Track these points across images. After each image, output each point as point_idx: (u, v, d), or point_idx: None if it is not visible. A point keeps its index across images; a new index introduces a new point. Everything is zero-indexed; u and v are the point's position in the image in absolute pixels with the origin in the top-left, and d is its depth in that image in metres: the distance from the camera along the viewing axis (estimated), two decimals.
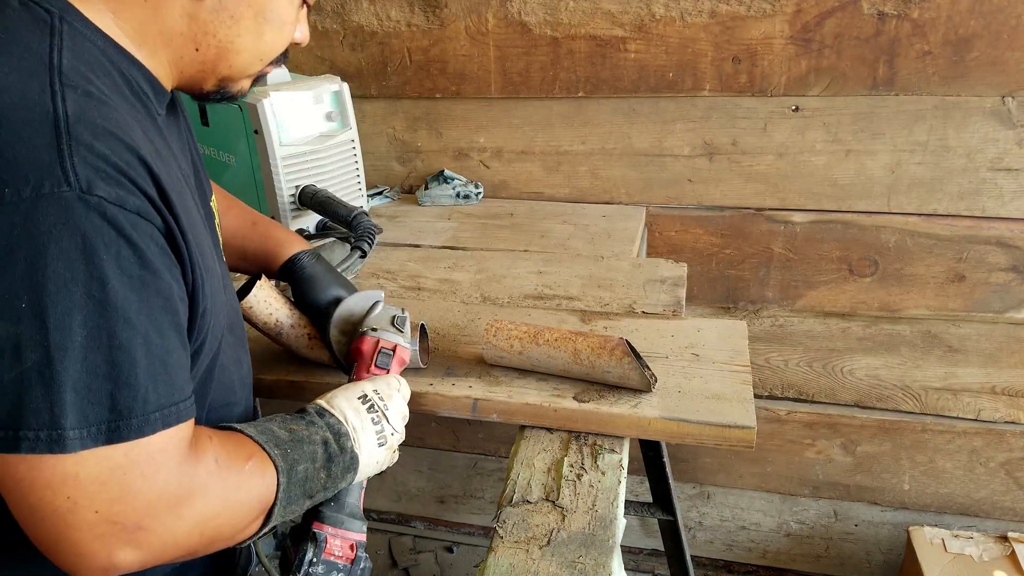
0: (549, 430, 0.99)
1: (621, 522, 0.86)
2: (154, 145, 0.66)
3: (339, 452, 0.76)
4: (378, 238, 1.29)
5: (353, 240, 1.28)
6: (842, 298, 1.63)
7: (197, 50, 0.70)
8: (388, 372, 0.90)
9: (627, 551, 2.07)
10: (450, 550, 2.17)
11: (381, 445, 0.81)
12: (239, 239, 1.05)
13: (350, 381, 0.89)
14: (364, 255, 1.27)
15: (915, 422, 1.71)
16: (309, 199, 1.35)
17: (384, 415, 0.82)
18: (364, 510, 0.86)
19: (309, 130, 1.39)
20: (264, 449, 0.70)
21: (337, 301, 1.00)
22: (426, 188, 1.69)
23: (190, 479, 0.62)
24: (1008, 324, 1.57)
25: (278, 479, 0.69)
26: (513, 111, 1.62)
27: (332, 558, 0.80)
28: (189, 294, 0.67)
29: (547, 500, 0.88)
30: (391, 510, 2.22)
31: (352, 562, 0.80)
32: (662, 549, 1.46)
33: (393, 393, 0.85)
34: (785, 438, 1.80)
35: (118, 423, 0.58)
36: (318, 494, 0.75)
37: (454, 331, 1.15)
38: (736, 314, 1.70)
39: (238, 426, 0.72)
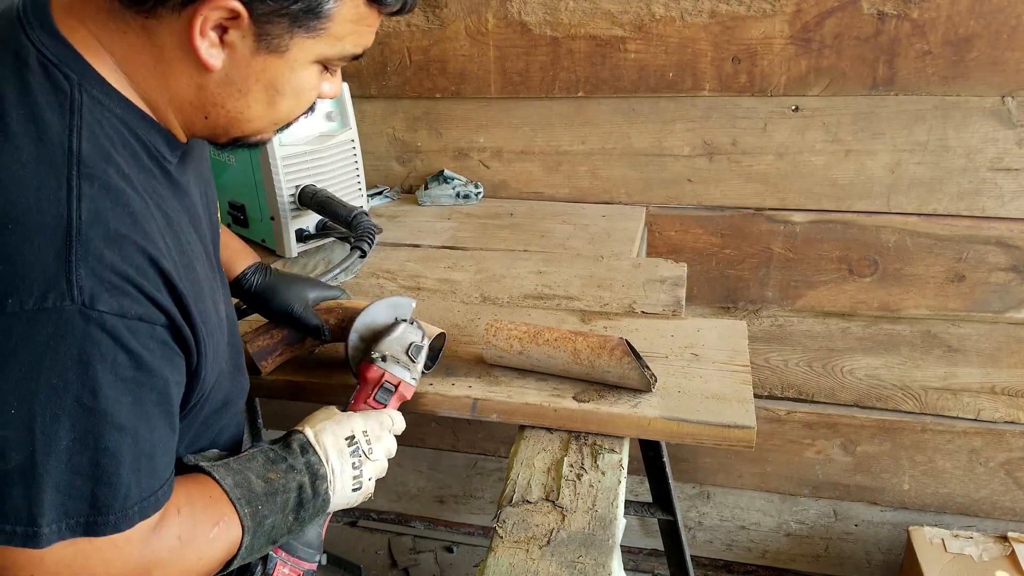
0: (549, 430, 0.99)
1: (621, 522, 0.86)
2: (166, 216, 0.66)
3: (312, 497, 0.76)
4: (378, 238, 1.29)
5: (353, 240, 1.28)
6: (842, 298, 1.63)
7: (207, 118, 0.69)
8: (385, 407, 0.89)
9: (627, 551, 2.07)
10: (450, 550, 2.17)
11: (355, 490, 0.81)
12: None
13: (349, 401, 0.89)
14: (364, 255, 1.27)
15: (915, 422, 1.71)
16: (309, 199, 1.35)
17: (366, 458, 0.81)
18: (364, 510, 0.86)
19: (309, 130, 1.39)
20: (235, 508, 0.70)
21: (301, 302, 1.00)
22: (426, 188, 1.69)
23: (148, 560, 0.64)
24: (1008, 324, 1.57)
25: (242, 539, 0.71)
26: (513, 111, 1.62)
27: None
28: (192, 370, 0.68)
29: (547, 500, 0.88)
30: (391, 510, 2.22)
31: None
32: (662, 549, 1.46)
33: (383, 435, 0.85)
34: (785, 438, 1.80)
35: (96, 519, 0.60)
36: (282, 538, 0.76)
37: (454, 331, 1.15)
38: (736, 314, 1.70)
39: (217, 474, 0.72)
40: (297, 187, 1.37)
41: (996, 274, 1.53)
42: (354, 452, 0.80)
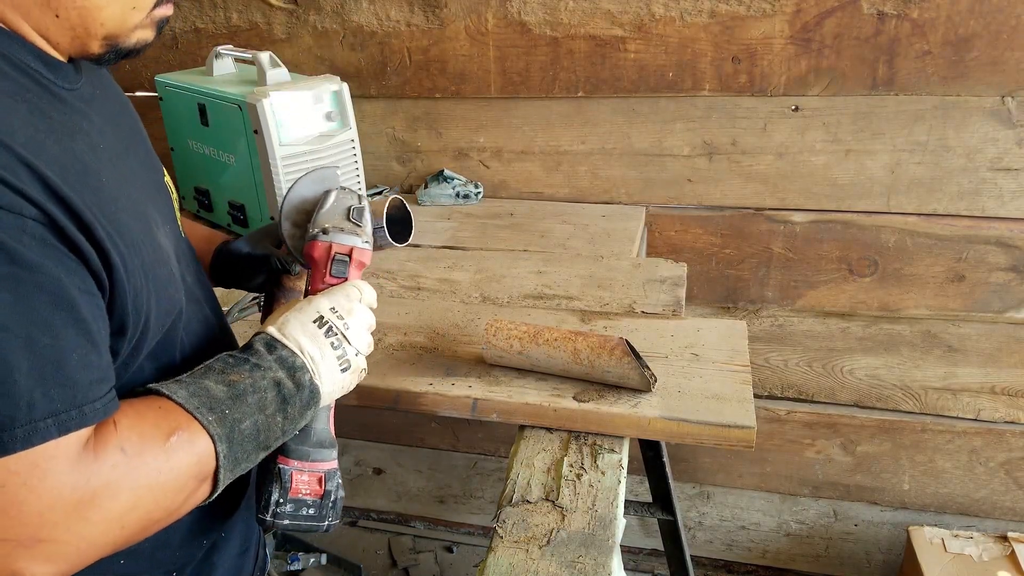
0: (549, 430, 0.99)
1: (621, 522, 0.86)
2: (50, 122, 0.62)
3: (295, 390, 0.71)
4: None
5: None
6: (842, 298, 1.63)
7: (58, 16, 0.64)
8: (347, 280, 0.80)
9: (627, 551, 2.07)
10: (450, 550, 2.17)
11: (344, 370, 0.75)
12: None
13: (305, 291, 0.82)
14: None
15: (915, 422, 1.71)
16: None
17: (344, 336, 0.75)
18: (363, 509, 0.85)
19: (309, 130, 1.39)
20: (195, 416, 0.64)
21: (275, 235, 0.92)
22: (426, 188, 1.69)
23: (87, 480, 0.58)
24: (1008, 324, 1.57)
25: (216, 447, 0.64)
26: (513, 111, 1.62)
27: (300, 495, 0.75)
28: (108, 278, 0.62)
29: (547, 500, 0.88)
30: (391, 510, 2.22)
31: (322, 496, 0.75)
32: (662, 549, 1.46)
33: (353, 306, 0.77)
34: (785, 438, 1.80)
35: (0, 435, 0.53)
36: (277, 440, 0.70)
37: (454, 331, 1.15)
38: (736, 314, 1.70)
39: (166, 389, 0.66)
40: None
41: (996, 274, 1.53)
42: (328, 332, 0.74)
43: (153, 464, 0.61)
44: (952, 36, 1.35)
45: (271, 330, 0.74)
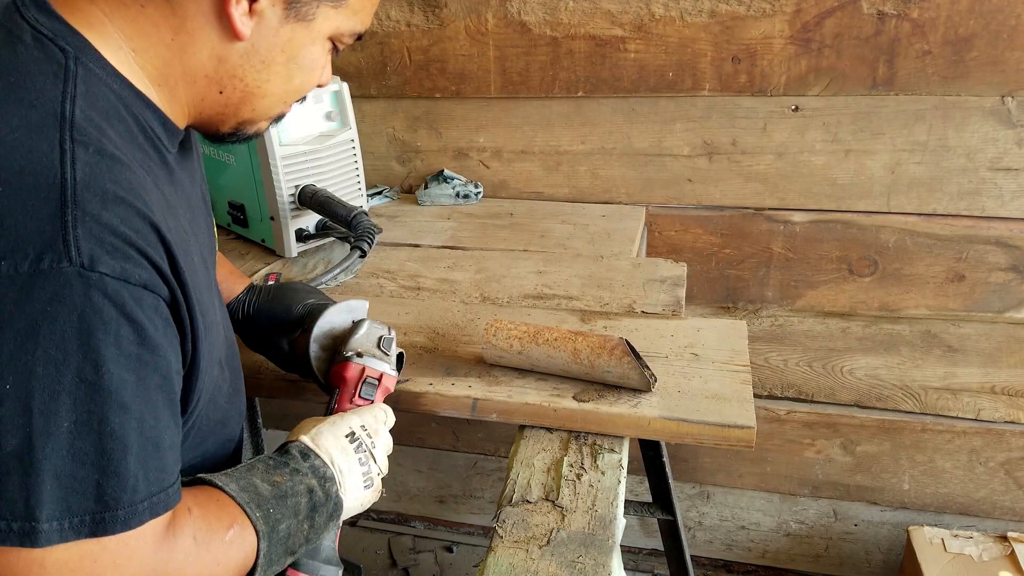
0: (549, 430, 0.99)
1: (621, 522, 0.86)
2: (164, 196, 0.64)
3: (324, 500, 0.72)
4: (378, 238, 1.29)
5: (353, 240, 1.28)
6: (842, 298, 1.63)
7: (221, 92, 0.68)
8: (372, 403, 0.85)
9: (627, 551, 2.07)
10: (450, 550, 2.17)
11: (367, 487, 0.77)
12: None
13: (330, 407, 0.85)
14: (364, 255, 1.27)
15: (915, 422, 1.71)
16: (309, 199, 1.35)
17: (371, 454, 0.78)
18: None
19: (309, 130, 1.39)
20: (245, 512, 0.65)
21: (309, 310, 0.95)
22: (426, 188, 1.69)
23: (165, 563, 0.59)
24: (1008, 324, 1.57)
25: (258, 545, 0.65)
26: (513, 111, 1.62)
27: None
28: (190, 359, 0.64)
29: (547, 500, 0.88)
30: (391, 510, 2.22)
31: None
32: (662, 549, 1.46)
33: (380, 427, 0.81)
34: (785, 438, 1.80)
35: (103, 515, 0.54)
36: (300, 548, 0.71)
37: (454, 331, 1.15)
38: (736, 314, 1.70)
39: (219, 481, 0.67)
40: (297, 187, 1.37)
41: (996, 274, 1.53)
42: (358, 448, 0.77)
43: (214, 555, 0.63)
44: (952, 36, 1.35)
45: (305, 439, 0.75)
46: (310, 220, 1.41)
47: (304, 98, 0.76)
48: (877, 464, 1.78)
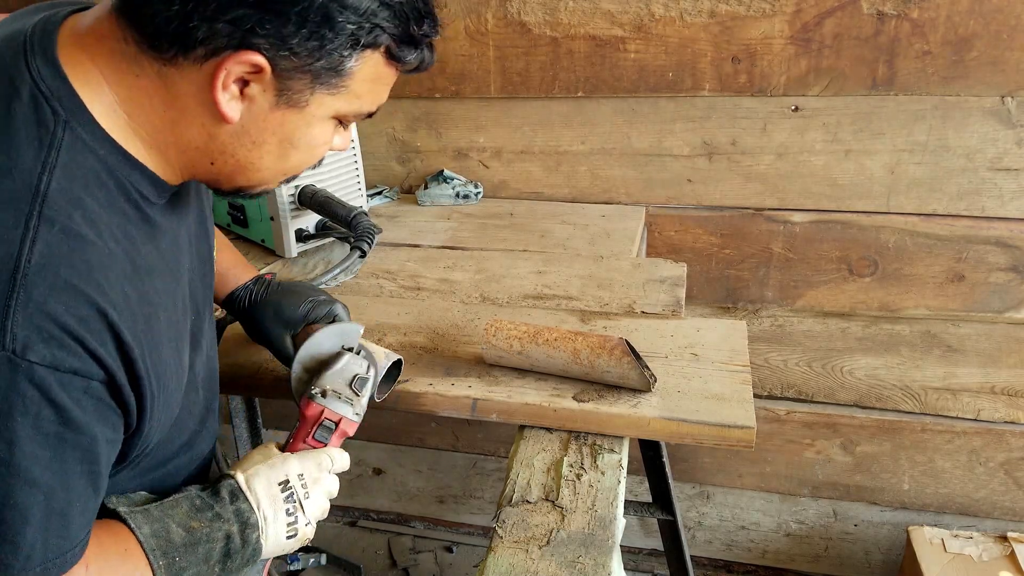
0: (549, 430, 0.99)
1: (620, 522, 0.86)
2: (134, 262, 0.65)
3: (241, 546, 0.73)
4: (378, 238, 1.29)
5: (353, 240, 1.28)
6: (842, 298, 1.63)
7: (212, 164, 0.68)
8: (326, 446, 0.84)
9: (627, 551, 2.07)
10: (450, 550, 2.17)
11: (290, 537, 0.77)
12: None
13: (287, 441, 0.85)
14: (364, 255, 1.27)
15: (915, 422, 1.71)
16: (308, 199, 1.35)
17: (300, 506, 0.77)
18: (364, 510, 0.84)
19: None
20: (149, 559, 0.67)
21: (312, 307, 0.96)
22: (425, 188, 1.69)
23: None
24: (1008, 324, 1.57)
25: None
26: (513, 111, 1.62)
27: None
28: (136, 423, 0.65)
29: (547, 500, 0.88)
30: (391, 510, 2.22)
31: None
32: (662, 549, 1.46)
33: (322, 476, 0.81)
34: (785, 438, 1.80)
35: None
36: None
37: (453, 331, 1.15)
38: (736, 314, 1.70)
39: (132, 523, 0.69)
40: (297, 187, 1.37)
41: (996, 274, 1.53)
42: (288, 498, 0.77)
43: None
44: (952, 36, 1.35)
45: (240, 479, 0.76)
46: (310, 220, 1.41)
47: (319, 163, 0.75)
48: (877, 464, 1.78)
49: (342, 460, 0.84)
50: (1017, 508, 1.74)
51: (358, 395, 0.86)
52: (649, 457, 1.24)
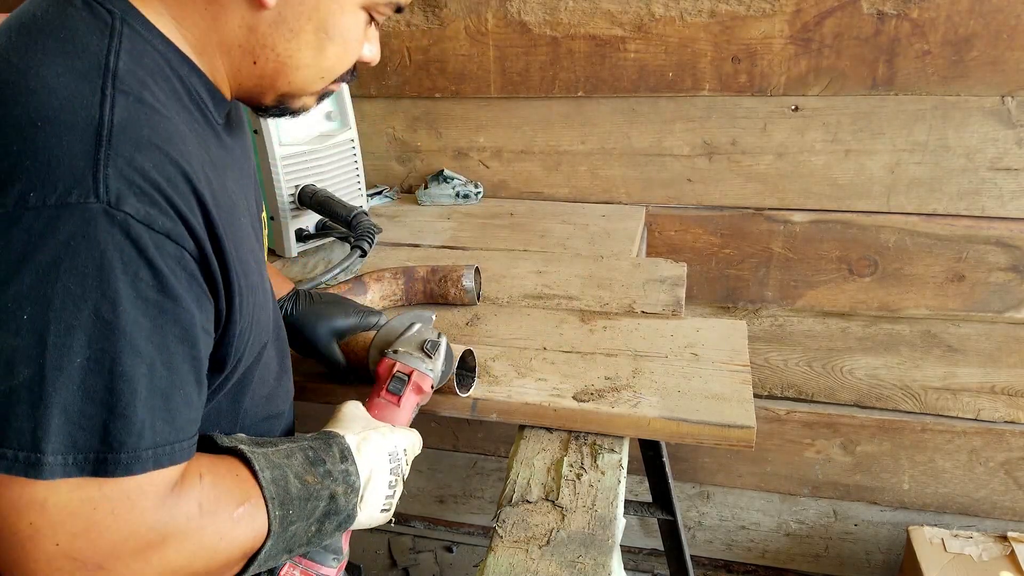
0: (549, 430, 0.99)
1: (621, 522, 0.86)
2: (210, 156, 0.64)
3: (339, 509, 0.71)
4: (378, 238, 1.29)
5: (353, 240, 1.28)
6: (842, 298, 1.63)
7: (255, 63, 0.68)
8: (400, 399, 0.85)
9: (627, 551, 2.07)
10: (450, 550, 2.17)
11: (384, 511, 0.76)
12: None
13: (370, 400, 0.86)
14: (364, 255, 1.27)
15: (915, 422, 1.71)
16: (308, 199, 1.35)
17: (401, 480, 0.77)
18: None
19: (308, 130, 1.39)
20: (267, 505, 0.64)
21: (363, 315, 1.00)
22: (426, 188, 1.69)
23: (164, 524, 0.57)
24: (1008, 324, 1.57)
25: (267, 539, 0.64)
26: (513, 111, 1.62)
27: None
28: (225, 318, 0.64)
29: (547, 500, 0.88)
30: None
31: None
32: (662, 549, 1.46)
33: (412, 456, 0.82)
34: (784, 438, 1.80)
35: (106, 455, 0.54)
36: (299, 548, 0.69)
37: (454, 331, 1.15)
38: (736, 314, 1.70)
39: (256, 463, 0.66)
40: (297, 187, 1.37)
41: (996, 274, 1.53)
42: (393, 470, 0.76)
43: (218, 529, 0.61)
44: (952, 36, 1.35)
45: (352, 442, 0.75)
46: (310, 220, 1.41)
47: (350, 75, 0.75)
48: (877, 464, 1.78)
49: (418, 442, 0.86)
50: (1017, 508, 1.74)
51: (430, 357, 0.88)
52: (649, 457, 1.25)
